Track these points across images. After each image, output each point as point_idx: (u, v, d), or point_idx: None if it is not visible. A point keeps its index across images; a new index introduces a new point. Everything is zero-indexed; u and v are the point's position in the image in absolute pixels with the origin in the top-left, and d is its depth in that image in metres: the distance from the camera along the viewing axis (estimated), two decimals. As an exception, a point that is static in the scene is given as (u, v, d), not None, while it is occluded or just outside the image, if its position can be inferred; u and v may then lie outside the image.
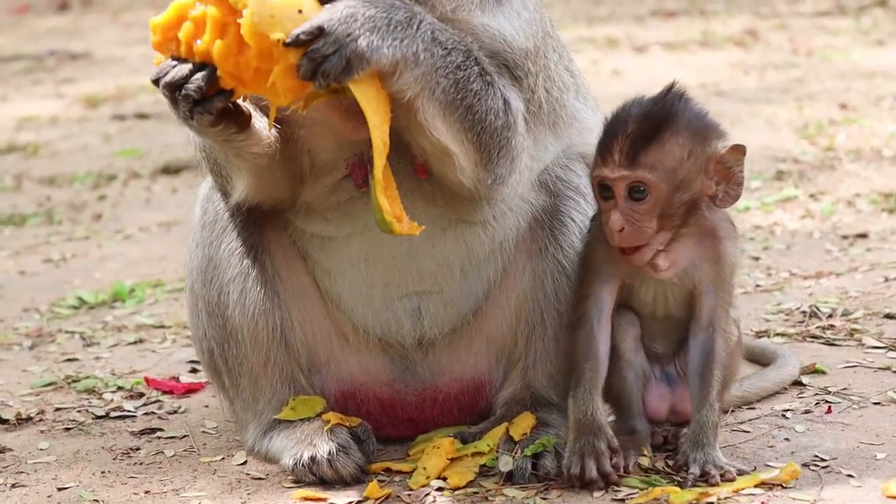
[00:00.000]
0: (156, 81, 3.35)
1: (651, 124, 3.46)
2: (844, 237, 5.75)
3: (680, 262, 3.52)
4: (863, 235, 5.75)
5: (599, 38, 11.65)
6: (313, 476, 3.58)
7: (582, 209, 3.76)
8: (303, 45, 3.20)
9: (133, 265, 6.26)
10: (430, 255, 3.71)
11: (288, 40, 3.20)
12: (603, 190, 3.49)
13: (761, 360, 4.33)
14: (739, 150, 3.48)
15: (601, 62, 10.52)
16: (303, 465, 3.59)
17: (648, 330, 3.64)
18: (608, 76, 10.01)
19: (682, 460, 3.47)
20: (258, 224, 3.75)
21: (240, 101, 3.45)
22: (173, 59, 3.33)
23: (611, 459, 3.44)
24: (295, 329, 3.76)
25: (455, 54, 3.41)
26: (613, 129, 3.49)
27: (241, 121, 3.46)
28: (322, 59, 3.21)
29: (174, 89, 3.32)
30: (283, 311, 3.73)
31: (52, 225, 7.16)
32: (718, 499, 3.32)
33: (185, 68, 3.31)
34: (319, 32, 3.21)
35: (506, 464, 3.51)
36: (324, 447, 3.59)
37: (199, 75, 3.30)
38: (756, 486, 3.36)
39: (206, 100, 3.32)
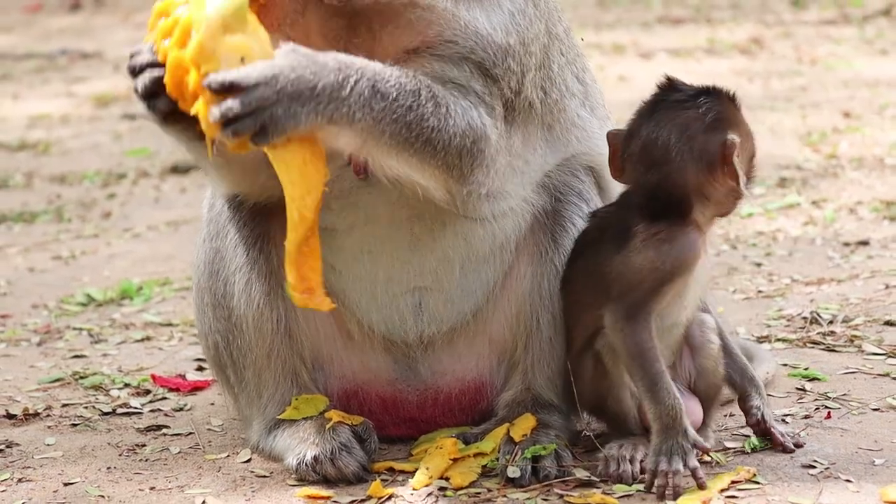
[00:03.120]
0: (129, 63, 3.42)
1: None
2: (846, 244, 5.76)
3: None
4: (864, 243, 5.76)
5: (606, 45, 11.67)
6: (316, 475, 3.61)
7: (583, 213, 3.76)
8: (215, 93, 3.18)
9: (141, 263, 6.28)
10: (431, 250, 3.71)
11: (204, 83, 3.19)
12: None
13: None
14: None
15: (607, 68, 10.54)
16: (306, 464, 3.62)
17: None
18: (614, 82, 10.03)
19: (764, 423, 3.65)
20: (263, 215, 3.73)
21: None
22: (151, 46, 3.38)
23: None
24: (299, 322, 3.77)
25: (403, 98, 3.34)
26: None
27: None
28: (234, 117, 3.17)
29: (133, 74, 3.39)
30: (287, 302, 3.67)
31: (61, 222, 7.20)
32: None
33: (145, 60, 3.37)
34: (230, 88, 3.17)
35: (514, 472, 3.54)
36: (326, 446, 3.61)
37: (146, 74, 3.35)
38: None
39: (153, 97, 3.36)
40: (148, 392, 4.48)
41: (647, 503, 3.41)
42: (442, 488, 3.53)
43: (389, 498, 3.51)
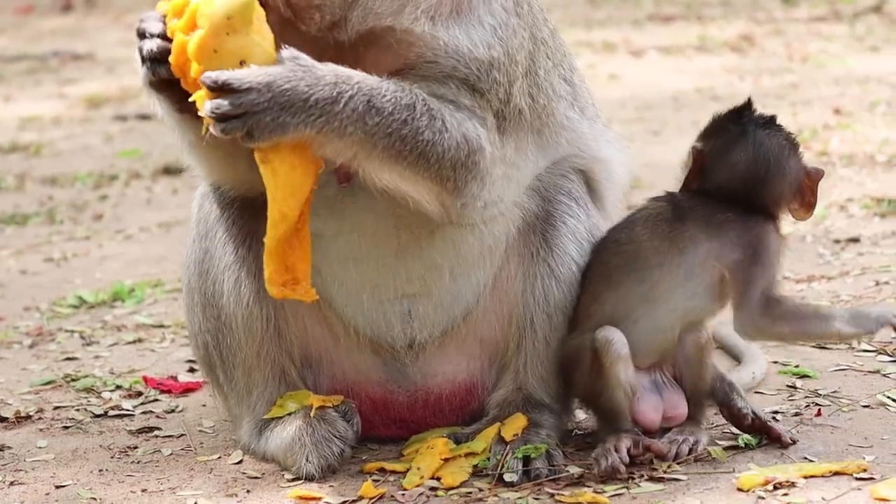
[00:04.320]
0: (139, 34, 3.47)
1: None
2: (837, 241, 5.77)
3: None
4: (855, 240, 5.77)
5: (597, 43, 11.67)
6: (315, 471, 3.63)
7: (574, 213, 3.78)
8: (209, 90, 3.26)
9: (133, 265, 6.28)
10: (419, 257, 3.72)
11: (201, 78, 3.27)
12: None
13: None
14: None
15: (598, 66, 10.54)
16: (299, 466, 3.65)
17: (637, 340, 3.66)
18: (605, 80, 10.03)
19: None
20: (251, 214, 3.74)
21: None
22: (161, 15, 3.44)
23: None
24: (288, 321, 3.78)
25: (399, 112, 3.40)
26: None
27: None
28: (223, 116, 3.26)
29: (140, 37, 3.45)
30: (276, 301, 3.72)
31: (53, 224, 7.19)
32: (787, 481, 3.41)
33: (154, 27, 3.43)
34: (223, 87, 3.25)
35: (510, 476, 3.55)
36: (314, 434, 3.64)
37: (154, 41, 3.41)
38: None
39: (157, 62, 3.42)
40: (140, 394, 4.48)
41: (637, 501, 3.43)
42: (433, 488, 3.55)
43: (381, 498, 3.52)
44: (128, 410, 4.34)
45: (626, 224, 3.75)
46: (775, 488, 3.41)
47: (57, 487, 3.74)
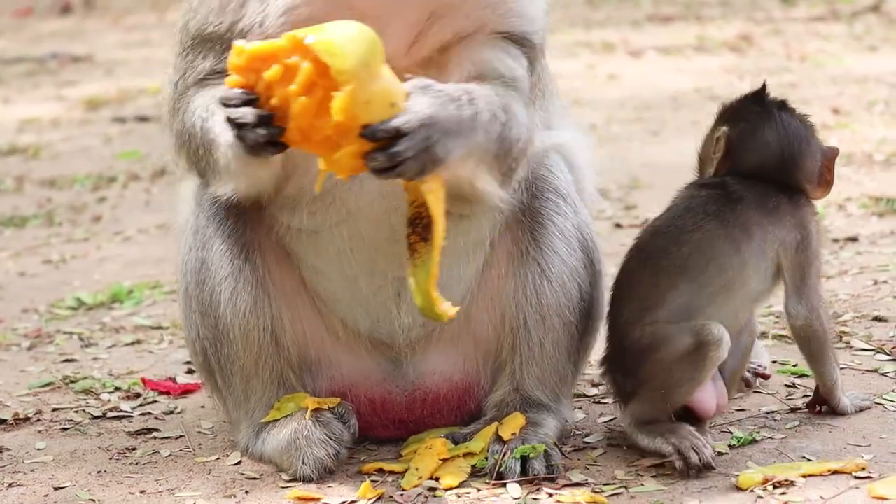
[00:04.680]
0: (224, 103, 3.37)
1: None
2: (835, 240, 5.76)
3: None
4: (853, 239, 5.77)
5: (596, 43, 11.67)
6: (311, 472, 3.64)
7: (562, 211, 3.78)
8: (378, 141, 3.25)
9: (132, 267, 6.29)
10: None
11: (366, 132, 3.24)
12: None
13: None
14: None
15: (597, 66, 10.55)
16: (295, 468, 3.65)
17: None
18: (604, 81, 10.05)
19: None
20: (248, 225, 3.76)
21: None
22: (245, 91, 3.33)
23: None
24: (286, 328, 3.79)
25: (500, 115, 3.48)
26: None
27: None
28: (401, 161, 3.26)
29: (235, 126, 3.36)
30: (273, 309, 3.75)
31: (52, 226, 7.20)
32: (786, 480, 3.43)
33: (252, 115, 3.32)
34: (397, 134, 3.25)
35: (509, 476, 3.55)
36: (311, 436, 3.64)
37: (262, 131, 3.32)
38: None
39: (257, 128, 3.34)
40: (138, 395, 4.49)
41: (636, 501, 3.43)
42: (431, 489, 3.55)
43: (379, 498, 3.52)
44: (126, 412, 4.34)
45: (682, 211, 3.76)
46: (774, 487, 3.41)
47: (56, 489, 3.74)
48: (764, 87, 3.84)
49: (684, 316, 3.63)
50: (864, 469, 3.48)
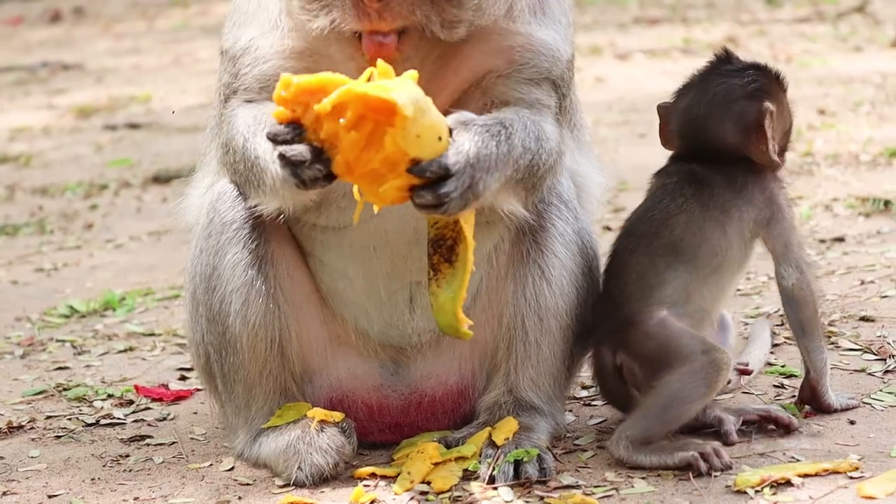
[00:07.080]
0: (272, 139, 3.36)
1: None
2: (822, 241, 5.77)
3: None
4: (840, 239, 5.79)
5: (583, 46, 11.68)
6: (305, 478, 3.65)
7: (564, 216, 3.81)
8: (425, 178, 3.29)
9: (123, 274, 6.29)
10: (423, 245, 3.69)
11: (415, 169, 3.28)
12: None
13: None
14: None
15: (584, 70, 10.55)
16: (290, 473, 3.66)
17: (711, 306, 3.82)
18: (591, 84, 10.06)
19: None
20: (263, 236, 3.76)
21: None
22: (293, 124, 3.32)
23: None
24: (292, 339, 3.80)
25: (529, 142, 3.56)
26: None
27: None
28: (448, 200, 3.32)
29: (288, 164, 3.36)
30: (282, 322, 3.76)
31: (43, 234, 7.20)
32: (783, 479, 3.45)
33: (304, 152, 3.32)
34: (445, 173, 3.30)
35: (501, 480, 3.56)
36: (312, 444, 3.66)
37: (316, 168, 3.33)
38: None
39: (303, 164, 3.35)
40: (131, 402, 4.50)
41: (626, 502, 3.46)
42: (423, 493, 3.56)
43: (371, 503, 3.54)
44: (119, 419, 4.35)
45: (662, 196, 3.81)
46: (763, 488, 3.43)
47: (50, 497, 3.75)
48: (724, 51, 3.84)
49: (683, 297, 3.69)
50: (857, 469, 3.50)
